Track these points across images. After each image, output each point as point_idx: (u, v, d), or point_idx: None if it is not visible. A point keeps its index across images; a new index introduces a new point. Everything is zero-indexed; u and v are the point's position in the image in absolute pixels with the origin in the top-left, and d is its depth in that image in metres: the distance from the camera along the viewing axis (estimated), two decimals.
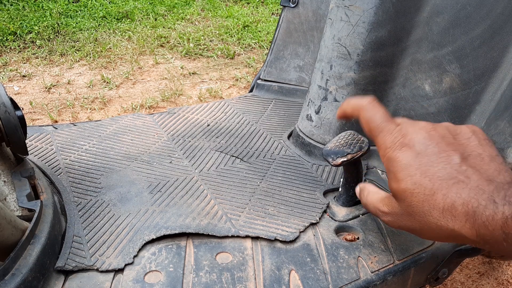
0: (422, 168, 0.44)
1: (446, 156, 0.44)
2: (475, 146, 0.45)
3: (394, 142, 0.48)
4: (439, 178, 0.43)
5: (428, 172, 0.44)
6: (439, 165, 0.43)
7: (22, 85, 1.94)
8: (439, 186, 0.42)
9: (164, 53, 2.34)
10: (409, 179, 0.45)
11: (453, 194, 0.41)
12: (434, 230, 0.44)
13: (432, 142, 0.46)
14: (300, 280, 0.55)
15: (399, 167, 0.46)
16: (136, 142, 0.89)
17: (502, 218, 0.36)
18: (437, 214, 0.42)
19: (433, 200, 0.42)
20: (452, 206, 0.41)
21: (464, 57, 0.70)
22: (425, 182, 0.43)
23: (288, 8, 1.14)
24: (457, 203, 0.40)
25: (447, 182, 0.42)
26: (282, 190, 0.74)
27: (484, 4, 0.67)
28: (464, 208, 0.40)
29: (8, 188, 0.63)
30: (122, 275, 0.55)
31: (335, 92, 0.82)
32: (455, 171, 0.42)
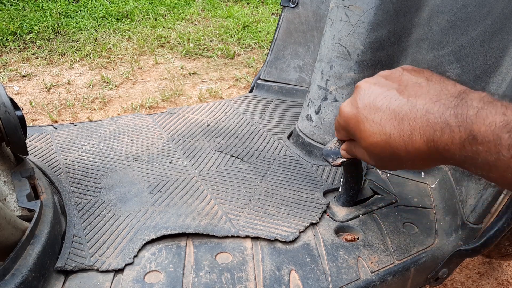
0: (369, 119, 0.45)
1: (385, 97, 0.45)
2: (409, 78, 0.45)
3: (340, 113, 0.51)
4: (387, 119, 0.43)
5: (376, 120, 0.45)
6: (382, 107, 0.44)
7: (22, 85, 1.94)
8: (391, 126, 0.43)
9: (164, 53, 2.34)
10: (364, 134, 0.46)
11: (407, 128, 0.41)
12: (413, 165, 0.44)
13: (367, 92, 0.47)
14: (300, 280, 0.55)
15: (354, 130, 0.48)
16: (136, 142, 0.89)
17: (460, 142, 0.37)
18: (403, 152, 0.43)
19: (393, 142, 0.43)
20: (411, 140, 0.41)
21: (464, 57, 0.70)
22: (377, 129, 0.44)
23: (288, 8, 1.14)
24: (414, 134, 0.41)
25: (396, 118, 0.43)
26: (282, 190, 0.74)
27: (484, 4, 0.67)
28: (422, 138, 0.40)
29: (8, 188, 0.63)
30: (122, 275, 0.55)
31: (335, 92, 0.82)
32: (398, 105, 0.43)
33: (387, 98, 0.44)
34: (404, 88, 0.44)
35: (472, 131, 0.35)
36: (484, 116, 0.35)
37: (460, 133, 0.37)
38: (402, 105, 0.42)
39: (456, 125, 0.37)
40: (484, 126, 0.35)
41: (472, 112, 0.36)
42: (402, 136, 0.42)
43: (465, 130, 0.36)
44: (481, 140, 0.35)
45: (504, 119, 0.34)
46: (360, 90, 0.48)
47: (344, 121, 0.50)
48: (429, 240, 0.65)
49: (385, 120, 0.44)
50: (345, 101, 0.51)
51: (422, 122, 0.40)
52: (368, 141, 0.46)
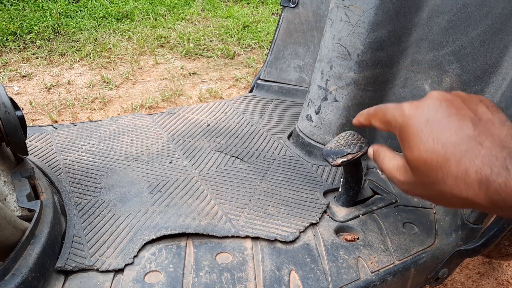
0: (434, 134, 0.43)
1: (457, 121, 0.43)
2: (485, 112, 0.44)
3: (404, 111, 0.47)
4: (452, 144, 0.41)
5: (441, 138, 0.42)
6: (451, 130, 0.42)
7: (22, 85, 1.94)
8: (452, 152, 0.41)
9: (164, 53, 2.34)
10: (421, 146, 0.44)
11: (467, 161, 0.40)
12: (448, 198, 0.43)
13: (442, 107, 0.44)
14: (300, 280, 0.55)
15: (410, 135, 0.45)
16: (136, 142, 0.89)
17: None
18: (451, 182, 0.41)
19: (446, 168, 0.41)
20: (466, 174, 0.40)
21: (464, 57, 0.70)
22: (437, 148, 0.42)
23: (288, 8, 1.14)
24: (471, 170, 0.39)
25: (460, 148, 0.41)
26: (282, 190, 0.74)
27: (484, 4, 0.67)
28: (478, 175, 0.39)
29: (8, 188, 0.63)
30: (122, 275, 0.55)
31: (335, 92, 0.82)
32: (468, 136, 0.41)
33: (460, 123, 0.42)
34: (478, 121, 0.42)
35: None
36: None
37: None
38: (471, 138, 0.41)
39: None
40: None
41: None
42: (458, 166, 0.40)
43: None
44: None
45: None
46: (434, 100, 0.46)
47: (403, 120, 0.47)
48: (429, 240, 0.65)
49: (449, 143, 0.41)
50: (410, 102, 0.48)
51: (483, 161, 0.39)
52: (421, 155, 0.43)
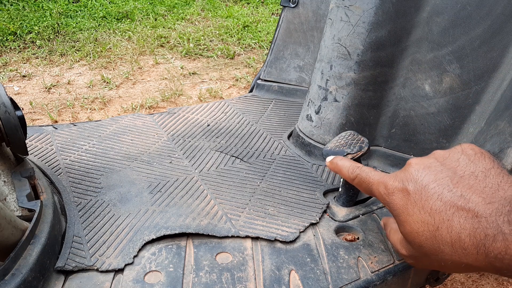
0: (418, 205, 0.42)
1: (438, 186, 0.42)
2: (466, 165, 0.42)
3: (387, 187, 0.47)
4: (438, 211, 0.40)
5: (426, 207, 0.42)
6: (433, 196, 0.41)
7: (22, 85, 1.94)
8: (440, 219, 0.40)
9: (164, 53, 2.34)
10: (410, 219, 0.43)
11: (457, 226, 0.38)
12: (454, 266, 0.41)
13: (421, 175, 0.44)
14: (300, 280, 0.55)
15: (398, 211, 0.45)
16: (136, 142, 0.89)
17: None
18: (448, 249, 0.40)
19: (439, 236, 0.40)
20: (459, 239, 0.38)
21: (464, 57, 0.70)
22: (425, 218, 0.41)
23: (288, 8, 1.14)
24: (463, 235, 0.38)
25: (446, 213, 0.40)
26: (282, 190, 0.74)
27: (484, 4, 0.67)
28: (472, 240, 0.37)
29: (8, 188, 0.63)
30: (122, 275, 0.55)
31: (335, 92, 0.82)
32: (451, 199, 0.40)
33: (440, 187, 0.41)
34: (459, 179, 0.41)
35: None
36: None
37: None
38: (454, 199, 0.40)
39: (510, 233, 0.35)
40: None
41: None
42: (450, 232, 0.39)
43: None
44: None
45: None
46: (412, 171, 0.45)
47: (388, 197, 0.47)
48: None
49: (434, 211, 0.41)
50: (393, 174, 0.48)
51: (473, 224, 0.37)
52: (412, 228, 0.43)
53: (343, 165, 0.58)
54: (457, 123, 0.74)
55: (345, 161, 0.59)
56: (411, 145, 0.80)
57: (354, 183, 0.56)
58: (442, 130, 0.76)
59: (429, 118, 0.77)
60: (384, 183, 0.48)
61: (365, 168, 0.54)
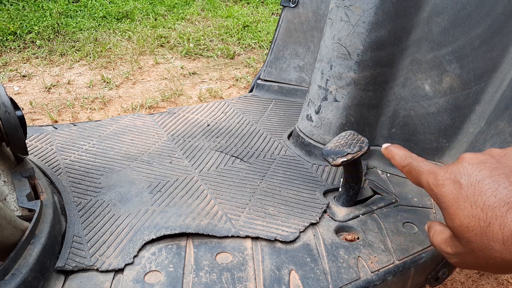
0: (470, 199, 0.42)
1: (493, 182, 0.41)
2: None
3: (437, 179, 0.46)
4: (491, 206, 0.40)
5: (478, 202, 0.41)
6: (488, 192, 0.41)
7: (22, 85, 1.94)
8: (493, 215, 0.39)
9: (164, 53, 2.34)
10: (460, 213, 0.42)
11: (510, 222, 0.38)
12: (501, 265, 0.40)
13: (475, 170, 0.43)
14: (300, 280, 0.55)
15: (448, 203, 0.44)
16: (136, 142, 0.89)
17: None
18: (499, 246, 0.39)
19: (490, 232, 0.39)
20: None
21: (464, 57, 0.70)
22: (477, 213, 0.41)
23: (288, 8, 1.14)
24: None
25: (500, 209, 0.39)
26: (282, 190, 0.74)
27: (484, 4, 0.67)
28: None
29: (8, 188, 0.63)
30: (122, 275, 0.55)
31: (335, 92, 0.82)
32: (506, 196, 0.39)
33: (496, 183, 0.41)
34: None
35: None
36: None
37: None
38: (510, 196, 0.39)
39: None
40: None
41: None
42: (503, 229, 0.39)
43: None
44: None
45: None
46: (465, 165, 0.44)
47: (437, 188, 0.46)
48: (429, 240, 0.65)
49: (487, 207, 0.40)
50: (444, 167, 0.47)
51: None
52: (461, 222, 0.42)
53: (397, 153, 0.57)
54: (457, 123, 0.74)
55: (399, 149, 0.57)
56: (411, 145, 0.80)
57: (404, 171, 0.54)
58: (442, 130, 0.76)
59: (429, 118, 0.77)
60: (434, 174, 0.47)
61: (417, 158, 0.53)
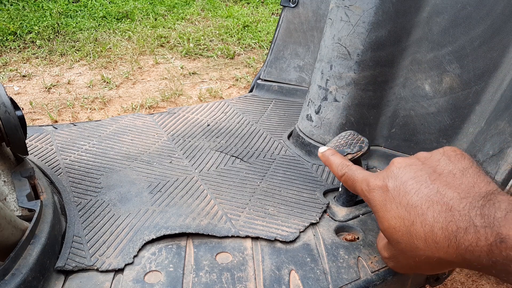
0: (396, 200, 0.44)
1: (416, 182, 0.43)
2: (446, 165, 0.43)
3: (369, 184, 0.48)
4: (413, 205, 0.41)
5: (403, 202, 0.43)
6: (411, 191, 0.43)
7: (22, 85, 1.94)
8: (415, 213, 0.41)
9: (164, 53, 2.34)
10: (387, 215, 0.44)
11: (430, 219, 0.39)
12: (429, 263, 0.42)
13: (401, 173, 0.45)
14: (300, 280, 0.55)
15: (377, 207, 0.46)
16: (136, 142, 0.89)
17: (486, 244, 0.35)
18: (422, 244, 0.41)
19: (414, 230, 0.41)
20: (432, 232, 0.39)
21: (464, 57, 0.70)
22: (402, 213, 0.43)
23: (288, 8, 1.14)
24: (436, 227, 0.39)
25: (422, 207, 0.41)
26: (282, 190, 0.74)
27: (484, 4, 0.67)
28: (444, 233, 0.38)
29: (8, 188, 0.63)
30: (122, 275, 0.55)
31: (335, 92, 0.82)
32: (427, 194, 0.41)
33: (418, 183, 0.43)
34: (437, 176, 0.42)
35: (500, 234, 0.34)
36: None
37: (486, 234, 0.35)
38: (430, 195, 0.41)
39: (482, 226, 0.35)
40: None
41: (500, 215, 0.34)
42: (424, 226, 0.40)
43: (492, 232, 0.34)
44: (511, 245, 0.33)
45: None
46: (393, 169, 0.47)
47: (369, 194, 0.48)
48: None
49: (411, 206, 0.42)
50: (375, 174, 0.49)
51: (446, 217, 0.38)
52: (389, 223, 0.44)
53: (334, 162, 0.59)
54: (457, 123, 0.74)
55: (336, 158, 0.59)
56: (411, 145, 0.80)
57: (341, 180, 0.57)
58: (442, 130, 0.76)
59: (429, 118, 0.77)
60: (367, 181, 0.49)
61: (353, 167, 0.55)
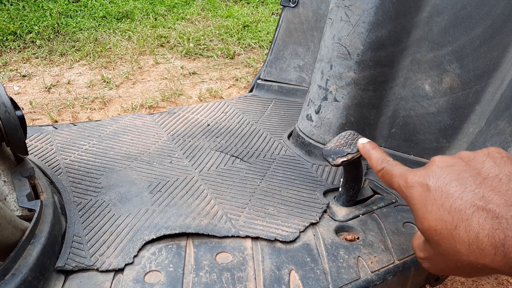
0: (438, 202, 0.42)
1: (460, 185, 0.41)
2: (491, 168, 0.42)
3: (407, 181, 0.47)
4: (457, 209, 0.40)
5: (445, 205, 0.41)
6: (454, 194, 0.41)
7: (22, 85, 1.94)
8: (459, 217, 0.39)
9: (164, 53, 2.34)
10: (428, 216, 0.43)
11: (475, 225, 0.38)
12: (469, 268, 0.41)
13: (443, 173, 0.43)
14: (300, 280, 0.55)
15: (417, 206, 0.45)
16: (136, 142, 0.89)
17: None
18: (465, 249, 0.39)
19: (456, 235, 0.40)
20: (477, 239, 0.38)
21: (464, 57, 0.70)
22: (444, 216, 0.41)
23: (288, 8, 1.14)
24: (482, 234, 0.37)
25: (466, 212, 0.39)
26: (282, 190, 0.74)
27: (484, 4, 0.67)
28: (491, 240, 0.37)
29: (8, 188, 0.63)
30: (122, 275, 0.55)
31: (335, 92, 0.82)
32: (472, 198, 0.39)
33: (462, 186, 0.41)
34: (482, 180, 0.41)
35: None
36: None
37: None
38: (475, 199, 0.39)
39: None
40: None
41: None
42: (468, 232, 0.39)
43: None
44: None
45: None
46: (435, 168, 0.45)
47: (407, 190, 0.47)
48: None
49: (454, 209, 0.40)
50: (415, 170, 0.48)
51: (493, 224, 0.37)
52: (430, 225, 0.43)
53: (374, 155, 0.57)
54: (457, 123, 0.74)
55: (376, 152, 0.57)
56: (411, 145, 0.80)
57: (379, 175, 0.55)
58: (442, 130, 0.76)
59: (429, 118, 0.77)
60: (405, 176, 0.48)
61: (392, 162, 0.54)
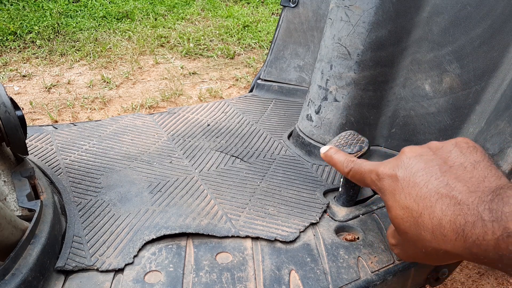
0: (405, 191, 0.43)
1: (426, 174, 0.43)
2: (457, 157, 0.43)
3: (378, 174, 0.48)
4: (422, 197, 0.41)
5: (412, 193, 0.43)
6: (420, 183, 0.42)
7: (22, 85, 1.94)
8: (424, 205, 0.41)
9: (164, 53, 2.34)
10: (396, 204, 0.44)
11: (439, 212, 0.39)
12: (435, 254, 0.42)
13: (411, 163, 0.45)
14: (300, 280, 0.55)
15: (387, 196, 0.46)
16: (136, 142, 0.89)
17: (493, 238, 0.35)
18: (429, 236, 0.41)
19: (421, 222, 0.41)
20: (440, 225, 0.39)
21: (464, 57, 0.70)
22: (410, 204, 0.43)
23: (288, 8, 1.14)
24: (444, 221, 0.39)
25: (430, 199, 0.41)
26: (282, 190, 0.74)
27: (484, 4, 0.67)
28: (452, 226, 0.38)
29: (8, 188, 0.63)
30: (122, 275, 0.55)
31: (335, 92, 0.82)
32: (436, 186, 0.41)
33: (428, 174, 0.43)
34: (448, 169, 0.42)
35: (507, 228, 0.34)
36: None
37: (493, 228, 0.35)
38: (440, 187, 0.41)
39: (490, 220, 0.35)
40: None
41: (508, 209, 0.34)
42: (432, 218, 0.40)
43: (499, 226, 0.34)
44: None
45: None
46: (404, 158, 0.46)
47: (380, 182, 0.48)
48: None
49: (419, 198, 0.42)
50: (386, 161, 0.49)
51: (455, 210, 0.38)
52: (397, 213, 0.44)
53: (338, 159, 0.59)
54: (457, 123, 0.74)
55: (339, 155, 0.59)
56: (411, 145, 0.80)
57: (349, 177, 0.56)
58: (442, 130, 0.76)
59: (429, 118, 0.77)
60: (375, 170, 0.49)
61: (358, 161, 0.55)
